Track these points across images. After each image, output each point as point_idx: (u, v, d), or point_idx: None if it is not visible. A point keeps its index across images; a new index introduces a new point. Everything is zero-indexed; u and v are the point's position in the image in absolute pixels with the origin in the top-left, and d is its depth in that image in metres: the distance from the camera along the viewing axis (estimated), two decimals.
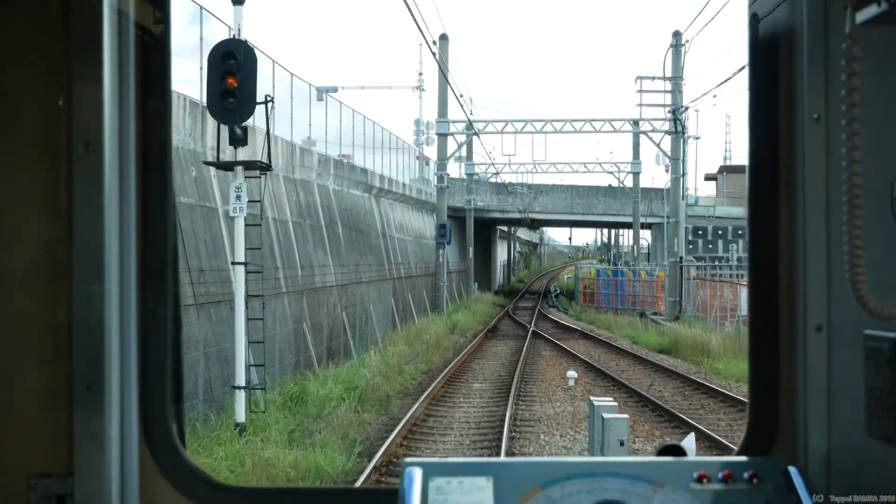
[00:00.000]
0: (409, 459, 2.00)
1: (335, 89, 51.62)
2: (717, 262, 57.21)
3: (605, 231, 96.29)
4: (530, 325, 40.51)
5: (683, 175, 39.49)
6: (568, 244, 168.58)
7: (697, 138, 68.47)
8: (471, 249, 53.79)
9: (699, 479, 1.93)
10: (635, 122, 41.54)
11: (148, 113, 2.08)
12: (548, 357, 28.08)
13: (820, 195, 1.94)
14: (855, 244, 1.61)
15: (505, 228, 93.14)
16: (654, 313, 41.97)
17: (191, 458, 2.20)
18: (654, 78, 39.84)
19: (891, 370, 1.69)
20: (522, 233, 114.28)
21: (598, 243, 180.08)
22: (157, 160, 2.10)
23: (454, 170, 58.65)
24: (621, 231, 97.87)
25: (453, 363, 25.36)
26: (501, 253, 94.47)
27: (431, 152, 57.69)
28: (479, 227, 71.92)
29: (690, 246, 65.54)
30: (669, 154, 40.14)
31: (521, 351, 29.13)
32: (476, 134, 48.13)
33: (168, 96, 2.14)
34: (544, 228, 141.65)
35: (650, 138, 41.25)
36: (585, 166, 53.63)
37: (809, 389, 1.99)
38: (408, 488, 1.91)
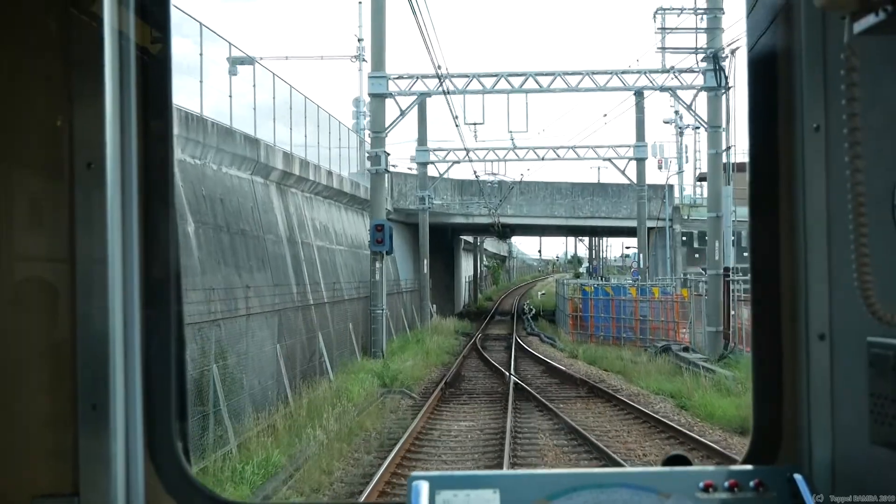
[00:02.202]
0: (415, 473, 2.05)
1: (251, 61, 37.65)
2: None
3: (585, 241, 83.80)
4: (509, 368, 27.84)
5: (728, 148, 27.01)
6: (538, 257, 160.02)
7: (718, 127, 56.32)
8: (425, 263, 40.94)
9: (705, 489, 1.97)
10: (646, 75, 28.82)
11: (149, 131, 2.12)
12: (551, 453, 15.39)
13: (820, 204, 1.99)
14: (861, 251, 1.62)
15: (470, 239, 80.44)
16: (685, 348, 29.36)
17: (196, 475, 2.27)
18: (681, 10, 27.25)
19: (894, 377, 1.72)
20: (490, 244, 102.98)
21: (568, 256, 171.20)
22: (158, 178, 2.14)
23: (405, 165, 45.86)
24: (607, 241, 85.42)
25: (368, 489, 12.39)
26: (467, 267, 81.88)
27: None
28: (439, 237, 59.38)
29: (696, 255, 53.41)
30: (705, 120, 27.64)
31: (501, 435, 16.49)
32: (426, 96, 32.55)
33: (169, 115, 2.18)
34: (513, 240, 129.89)
35: (679, 99, 28.60)
36: (575, 151, 41.09)
37: (813, 397, 2.01)
38: (414, 502, 1.95)
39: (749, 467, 2.01)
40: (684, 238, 52.74)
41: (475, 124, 33.50)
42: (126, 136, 2.05)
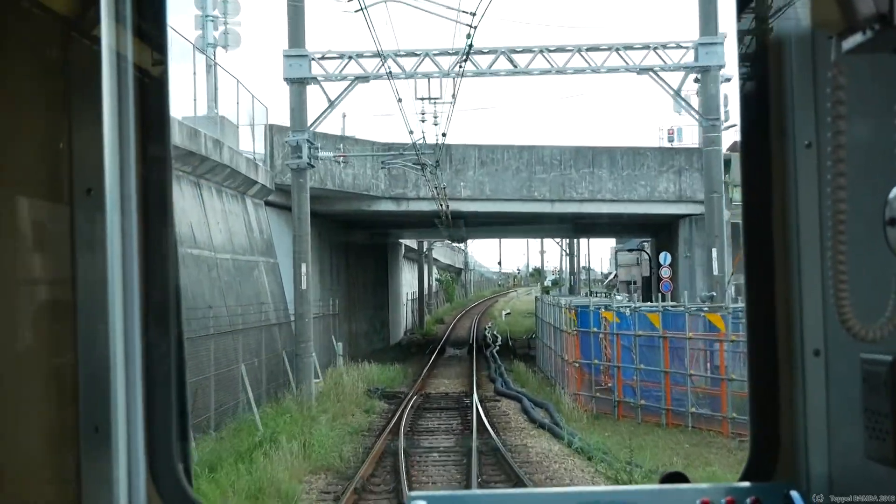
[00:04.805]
0: (413, 493, 2.06)
1: None
2: None
3: (557, 247, 65.13)
4: None
5: None
6: (497, 270, 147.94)
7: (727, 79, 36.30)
8: (304, 271, 22.28)
9: None
10: None
11: (147, 153, 2.12)
12: None
13: (813, 221, 2.03)
14: (839, 269, 1.65)
15: (413, 245, 61.66)
16: None
17: (198, 496, 2.26)
18: None
19: (887, 393, 1.74)
20: (442, 253, 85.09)
21: (530, 268, 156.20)
22: (157, 201, 2.15)
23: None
24: (587, 245, 67.29)
25: None
26: (410, 281, 63.60)
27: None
28: (359, 236, 40.63)
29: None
30: None
31: None
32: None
33: (167, 135, 2.20)
34: (470, 249, 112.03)
35: None
36: (584, 55, 22.17)
37: (809, 413, 2.03)
38: None
39: (746, 484, 2.05)
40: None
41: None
42: (125, 160, 2.06)
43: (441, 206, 30.98)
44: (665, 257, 31.21)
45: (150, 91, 2.13)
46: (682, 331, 20.16)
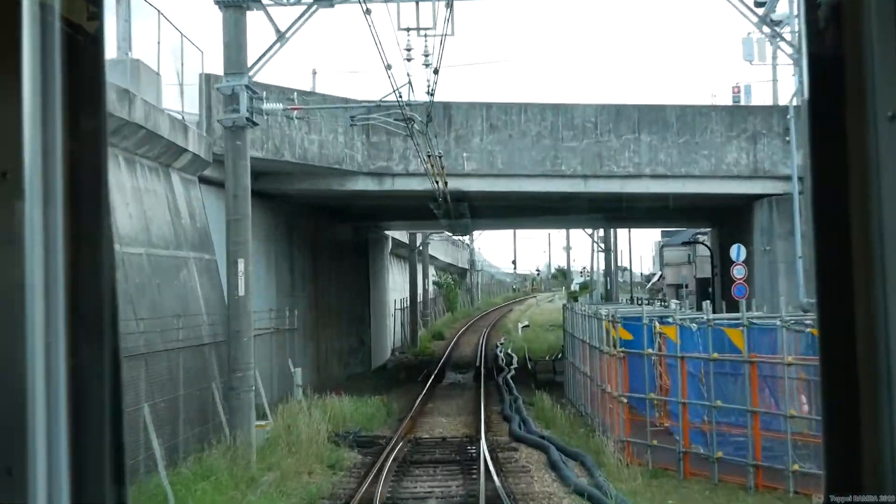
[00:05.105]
0: None
1: None
2: None
3: (586, 240, 62.02)
4: None
5: None
6: (512, 271, 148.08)
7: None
8: (241, 269, 19.15)
9: None
10: None
11: (78, 131, 2.13)
12: None
13: None
14: None
15: (404, 238, 58.80)
16: None
17: None
18: None
19: None
20: (439, 249, 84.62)
21: (552, 268, 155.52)
22: (89, 187, 2.17)
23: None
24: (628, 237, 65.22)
25: None
26: (401, 285, 61.91)
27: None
28: (327, 225, 38.21)
29: None
30: None
31: None
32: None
33: (102, 109, 2.22)
34: (478, 247, 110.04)
35: None
36: None
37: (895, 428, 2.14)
38: None
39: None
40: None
41: None
42: (49, 136, 2.05)
43: (437, 183, 27.94)
44: (738, 251, 28.17)
45: (82, 51, 2.14)
46: (776, 353, 17.12)
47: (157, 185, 21.79)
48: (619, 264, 66.81)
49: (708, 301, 19.82)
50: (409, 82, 21.33)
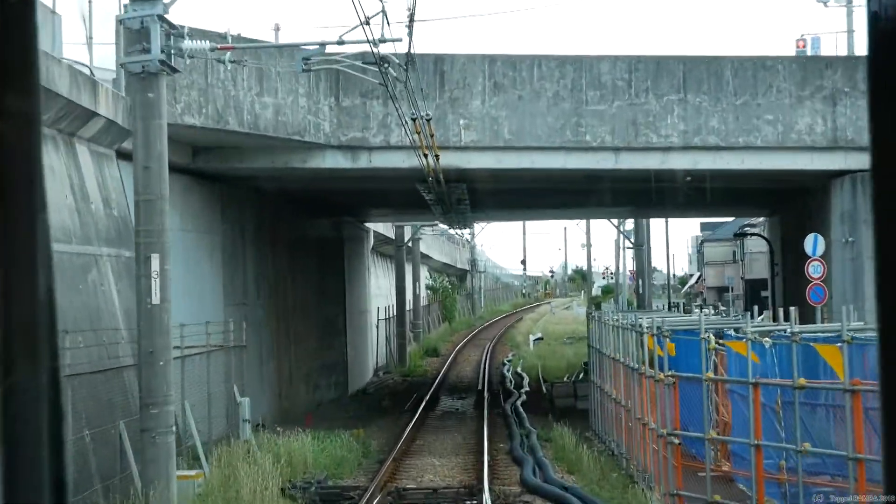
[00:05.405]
0: None
1: None
2: None
3: (618, 230, 61.35)
4: None
5: None
6: (521, 272, 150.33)
7: None
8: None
9: None
10: None
11: (3, 111, 2.13)
12: None
13: None
14: None
15: (388, 233, 58.62)
16: None
17: None
18: None
19: None
20: (435, 247, 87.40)
21: (569, 269, 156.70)
22: (19, 178, 2.15)
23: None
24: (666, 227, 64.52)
25: None
26: (386, 289, 63.84)
27: None
28: (298, 218, 37.89)
29: None
30: None
31: None
32: None
33: (35, 85, 2.22)
34: (480, 244, 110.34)
35: None
36: None
37: None
38: None
39: None
40: None
41: None
42: None
43: (426, 158, 26.68)
44: (814, 242, 27.13)
45: (11, 19, 2.13)
46: (874, 379, 15.39)
47: (53, 159, 20.59)
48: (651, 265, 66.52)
49: (794, 308, 18.33)
50: (384, 10, 19.50)
